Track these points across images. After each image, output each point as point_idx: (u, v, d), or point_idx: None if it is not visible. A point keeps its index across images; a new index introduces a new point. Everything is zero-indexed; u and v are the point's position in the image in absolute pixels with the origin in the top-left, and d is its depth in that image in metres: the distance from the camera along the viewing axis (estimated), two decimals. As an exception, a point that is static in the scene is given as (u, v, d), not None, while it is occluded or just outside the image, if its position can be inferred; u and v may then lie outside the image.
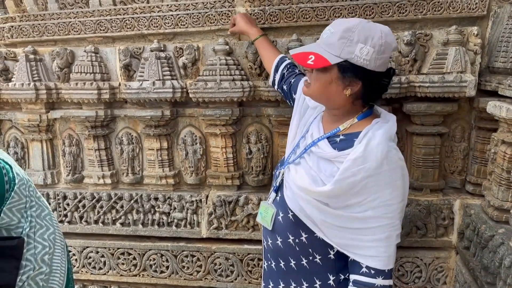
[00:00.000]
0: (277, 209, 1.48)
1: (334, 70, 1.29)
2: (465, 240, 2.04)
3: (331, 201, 1.29)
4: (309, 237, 1.40)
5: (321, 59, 1.26)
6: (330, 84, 1.31)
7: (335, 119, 1.43)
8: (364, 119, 1.39)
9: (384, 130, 1.29)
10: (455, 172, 2.21)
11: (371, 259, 1.27)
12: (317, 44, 1.34)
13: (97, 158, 2.44)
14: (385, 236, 1.27)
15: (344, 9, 2.15)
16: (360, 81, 1.30)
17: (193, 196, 2.37)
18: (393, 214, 1.27)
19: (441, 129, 2.10)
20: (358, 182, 1.24)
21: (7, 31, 2.51)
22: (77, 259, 2.55)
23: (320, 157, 1.37)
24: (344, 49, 1.24)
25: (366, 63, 1.25)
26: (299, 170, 1.41)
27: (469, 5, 2.04)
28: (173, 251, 2.43)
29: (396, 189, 1.27)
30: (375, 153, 1.23)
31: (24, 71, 2.35)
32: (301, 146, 1.50)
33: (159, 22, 2.32)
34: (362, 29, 1.25)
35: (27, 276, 1.13)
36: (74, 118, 2.38)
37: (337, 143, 1.37)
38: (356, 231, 1.28)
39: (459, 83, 1.94)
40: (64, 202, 2.52)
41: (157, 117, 2.27)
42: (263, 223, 1.54)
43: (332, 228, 1.31)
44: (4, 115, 2.54)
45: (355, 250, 1.30)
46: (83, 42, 2.47)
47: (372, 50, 1.24)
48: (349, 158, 1.24)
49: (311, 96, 1.42)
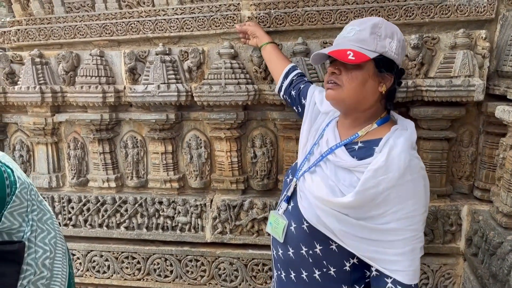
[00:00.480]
0: (289, 220, 1.42)
1: (371, 66, 1.28)
2: (473, 247, 2.01)
3: (351, 212, 1.23)
4: (323, 249, 1.34)
5: (360, 54, 1.23)
6: (367, 81, 1.28)
7: (353, 124, 1.38)
8: (383, 125, 1.35)
9: (405, 138, 1.25)
10: (463, 177, 2.17)
11: (396, 273, 1.22)
12: (345, 43, 1.29)
13: (101, 161, 2.44)
14: (410, 249, 1.22)
15: (350, 13, 2.13)
16: (393, 75, 1.32)
17: (197, 200, 2.36)
18: (417, 226, 1.23)
19: (448, 134, 2.08)
20: (380, 194, 1.19)
21: (13, 34, 2.52)
22: (81, 263, 2.54)
23: (338, 166, 1.31)
24: (378, 43, 1.26)
25: (395, 57, 1.29)
26: (315, 179, 1.35)
27: (477, 8, 2.01)
28: (177, 255, 2.42)
29: (419, 200, 1.23)
30: (397, 163, 1.19)
31: (30, 74, 2.35)
32: (315, 153, 1.44)
33: (165, 25, 2.32)
34: (387, 25, 1.29)
35: (27, 281, 1.11)
36: (79, 122, 2.38)
37: (356, 151, 1.32)
38: (379, 244, 1.22)
39: (467, 87, 1.91)
40: (69, 205, 2.52)
41: (162, 121, 2.27)
42: (274, 234, 1.47)
43: (353, 239, 1.25)
44: (10, 118, 2.55)
45: (379, 264, 1.24)
46: (89, 46, 2.47)
47: (398, 44, 1.29)
48: (370, 168, 1.19)
49: (343, 98, 1.31)
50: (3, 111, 2.56)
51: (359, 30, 1.28)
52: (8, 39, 2.57)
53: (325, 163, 1.36)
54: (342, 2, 2.17)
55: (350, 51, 1.23)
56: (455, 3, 2.04)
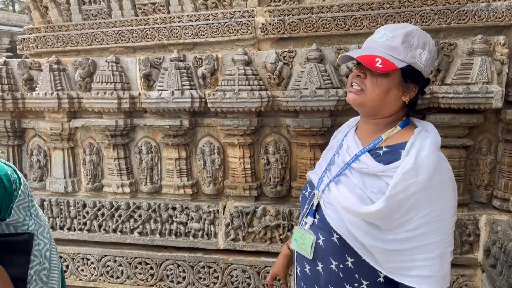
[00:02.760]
0: (316, 234, 1.35)
1: (397, 75, 1.23)
2: (491, 258, 1.95)
3: (382, 222, 1.19)
4: (356, 261, 1.27)
5: (388, 63, 1.19)
6: (391, 90, 1.24)
7: (374, 130, 1.34)
8: (405, 128, 1.31)
9: (432, 140, 1.22)
10: (481, 186, 2.12)
11: (426, 280, 1.17)
12: (375, 48, 1.26)
13: (116, 167, 2.46)
14: (439, 253, 1.17)
15: (365, 19, 2.12)
16: (418, 87, 1.28)
17: (210, 206, 2.35)
18: (446, 229, 1.19)
19: (466, 142, 2.03)
20: (409, 197, 1.15)
21: (32, 41, 2.58)
22: (95, 267, 2.56)
23: (365, 173, 1.27)
24: (408, 53, 1.21)
25: (424, 69, 1.24)
26: (341, 189, 1.29)
27: (496, 14, 1.98)
28: (190, 261, 2.41)
29: (448, 202, 1.20)
30: (425, 165, 1.16)
31: (48, 81, 2.39)
32: (336, 162, 1.39)
33: (179, 32, 2.34)
34: (421, 34, 1.24)
35: (34, 271, 1.17)
36: (95, 127, 2.41)
37: (381, 156, 1.28)
38: (409, 252, 1.18)
39: (485, 94, 1.87)
40: (84, 210, 2.54)
41: (176, 127, 2.28)
42: (301, 251, 1.39)
43: (383, 253, 1.20)
44: (28, 123, 2.60)
45: (408, 272, 1.19)
46: (105, 52, 2.51)
47: (428, 56, 1.24)
48: (400, 172, 1.16)
49: (364, 103, 1.27)
50: (21, 117, 2.60)
51: (392, 37, 1.24)
52: (27, 46, 2.63)
53: (350, 172, 1.32)
54: (357, 8, 2.15)
55: (378, 57, 1.20)
56: (472, 9, 2.01)
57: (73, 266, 2.58)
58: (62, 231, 2.59)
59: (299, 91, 2.06)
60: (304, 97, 2.04)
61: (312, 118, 2.11)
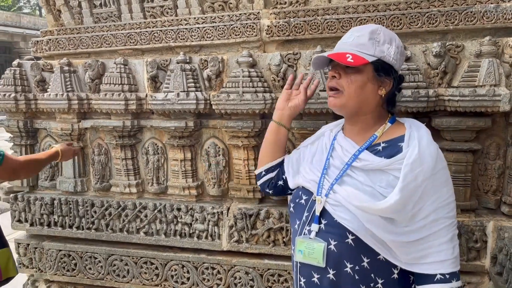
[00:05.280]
0: (326, 240, 1.32)
1: (369, 69, 1.31)
2: (498, 265, 1.90)
3: (398, 215, 1.22)
4: (371, 261, 1.28)
5: (358, 58, 1.27)
6: (366, 85, 1.31)
7: (363, 130, 1.39)
8: (394, 124, 1.39)
9: (426, 129, 1.32)
10: (489, 191, 2.06)
11: (442, 264, 1.25)
12: (344, 47, 1.34)
13: (123, 167, 2.50)
14: (451, 237, 1.25)
15: (371, 20, 2.10)
16: (392, 80, 1.35)
17: (214, 208, 2.36)
18: (453, 213, 1.28)
19: (473, 146, 1.98)
20: (419, 186, 1.22)
21: (45, 44, 2.64)
22: (102, 266, 2.59)
23: (369, 169, 1.30)
24: (376, 48, 1.30)
25: (394, 62, 1.32)
26: (348, 189, 1.29)
27: (505, 15, 1.93)
28: (194, 262, 2.42)
29: (450, 187, 1.29)
30: (428, 154, 1.24)
31: (59, 82, 2.44)
32: (333, 165, 1.39)
33: (186, 34, 2.36)
34: (385, 31, 1.34)
35: None
36: (103, 128, 2.45)
37: (380, 151, 1.33)
38: (425, 240, 1.25)
39: (492, 97, 1.82)
40: (92, 209, 2.58)
41: (181, 128, 2.29)
42: (310, 262, 1.34)
43: (402, 246, 1.24)
44: (40, 124, 2.66)
45: (425, 260, 1.25)
46: (114, 54, 2.55)
47: (396, 50, 1.33)
48: (407, 163, 1.22)
49: (344, 103, 1.33)
50: (34, 117, 2.67)
51: (358, 36, 1.32)
52: (40, 48, 2.69)
53: (352, 171, 1.34)
54: (363, 10, 2.14)
55: (349, 54, 1.27)
56: (481, 10, 1.96)
57: (81, 264, 2.63)
58: (71, 229, 2.63)
59: (303, 93, 2.05)
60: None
61: (316, 121, 2.10)
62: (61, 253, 2.66)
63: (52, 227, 2.67)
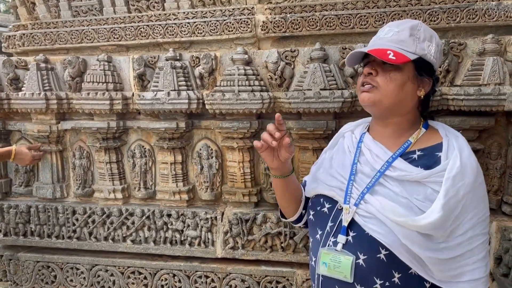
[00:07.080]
0: (355, 253, 1.21)
1: (410, 67, 1.19)
2: (503, 267, 1.87)
3: (436, 232, 1.12)
4: (403, 276, 1.17)
5: (400, 55, 1.15)
6: (406, 84, 1.19)
7: (396, 133, 1.26)
8: (428, 130, 1.27)
9: (463, 139, 1.21)
10: (490, 191, 2.04)
11: (476, 283, 1.16)
12: (383, 43, 1.21)
13: (108, 171, 2.33)
14: (484, 255, 1.17)
15: (371, 17, 2.04)
16: (432, 80, 1.24)
17: (207, 213, 2.24)
18: (487, 229, 1.19)
19: (475, 145, 1.95)
20: (460, 201, 1.12)
21: (18, 39, 2.44)
22: (85, 277, 2.42)
23: (404, 179, 1.18)
24: (417, 45, 1.19)
25: (434, 61, 1.22)
26: (381, 200, 1.18)
27: (507, 13, 1.91)
28: (186, 271, 2.30)
29: (487, 203, 1.20)
30: (470, 166, 1.14)
31: (35, 80, 2.25)
32: (362, 172, 1.27)
33: (175, 30, 2.23)
34: (425, 28, 1.23)
35: None
36: (85, 130, 2.28)
37: (416, 160, 1.20)
38: (461, 257, 1.15)
39: (497, 96, 1.79)
40: (73, 217, 2.41)
41: (172, 129, 2.16)
42: (336, 276, 1.23)
43: (438, 263, 1.14)
44: (14, 125, 2.45)
45: (460, 278, 1.16)
46: (96, 51, 2.38)
47: (436, 48, 1.23)
48: (449, 177, 1.11)
49: (380, 100, 1.20)
50: (6, 118, 2.46)
51: (398, 31, 1.20)
52: (13, 43, 2.49)
53: (385, 180, 1.21)
54: (362, 6, 2.07)
55: (390, 50, 1.15)
56: (482, 7, 1.94)
57: (62, 276, 2.44)
58: (49, 239, 2.45)
59: (303, 92, 1.96)
60: (307, 98, 1.95)
61: (316, 121, 2.02)
62: (39, 265, 2.47)
63: (28, 236, 2.48)
